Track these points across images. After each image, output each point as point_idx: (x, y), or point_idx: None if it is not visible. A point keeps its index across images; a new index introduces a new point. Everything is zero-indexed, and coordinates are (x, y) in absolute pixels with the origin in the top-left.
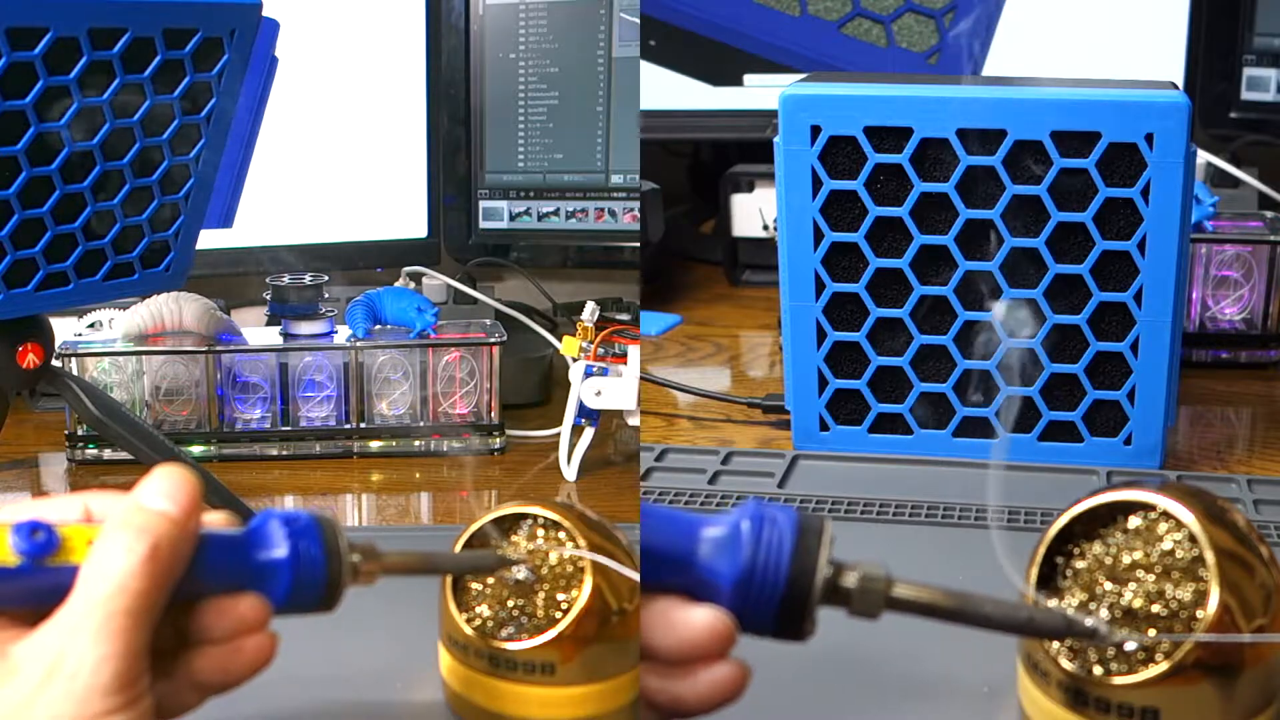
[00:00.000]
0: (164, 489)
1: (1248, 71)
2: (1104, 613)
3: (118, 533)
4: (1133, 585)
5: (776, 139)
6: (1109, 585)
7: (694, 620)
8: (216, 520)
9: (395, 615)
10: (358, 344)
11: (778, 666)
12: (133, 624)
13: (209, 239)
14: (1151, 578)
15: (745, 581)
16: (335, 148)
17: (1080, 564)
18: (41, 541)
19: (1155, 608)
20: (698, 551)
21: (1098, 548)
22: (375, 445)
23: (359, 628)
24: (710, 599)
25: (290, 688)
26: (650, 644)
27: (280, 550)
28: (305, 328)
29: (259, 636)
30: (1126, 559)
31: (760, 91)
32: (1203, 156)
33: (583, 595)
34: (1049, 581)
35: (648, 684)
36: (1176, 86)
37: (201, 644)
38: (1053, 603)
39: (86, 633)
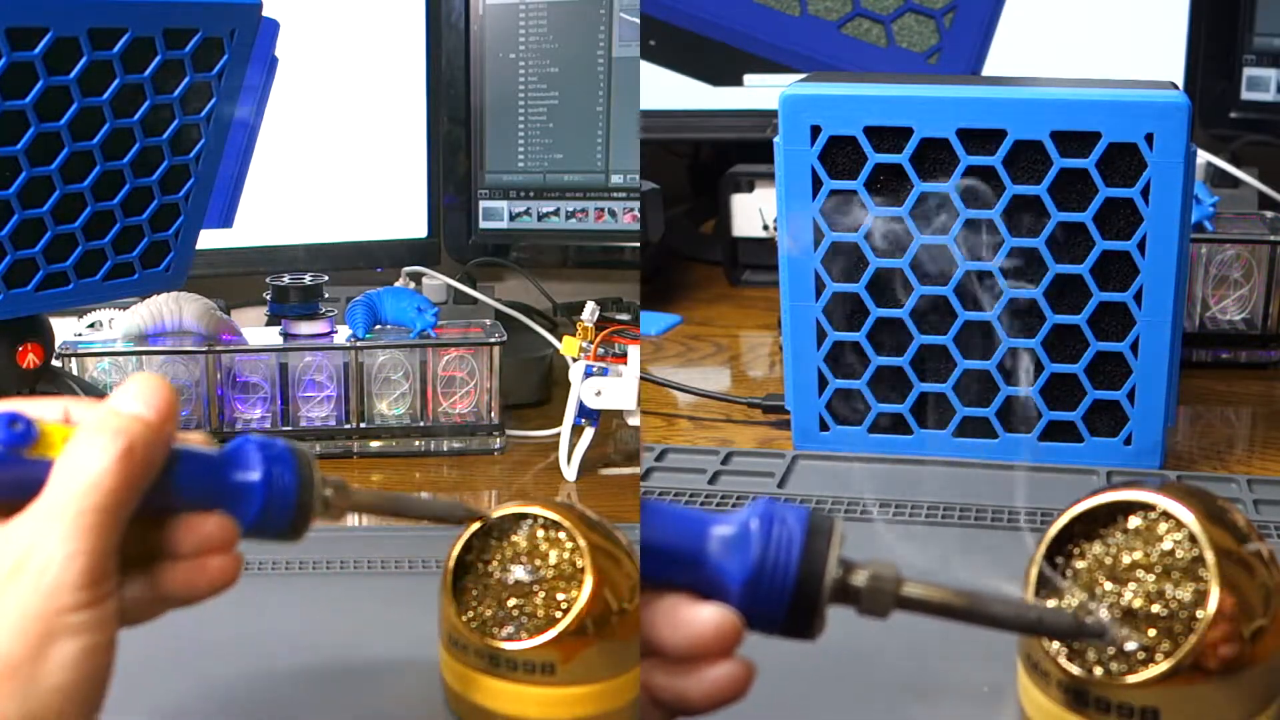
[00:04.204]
0: (140, 395)
1: (1248, 71)
2: (1104, 613)
3: (93, 433)
4: (1133, 585)
5: (776, 139)
6: (1109, 585)
7: (701, 618)
8: (194, 439)
9: (395, 614)
10: (358, 344)
11: (779, 665)
12: (103, 522)
13: (209, 239)
14: (1151, 578)
15: (754, 581)
16: (335, 148)
17: (1080, 564)
18: (20, 432)
19: (1155, 608)
20: (707, 550)
21: (1098, 548)
22: (375, 445)
23: (359, 627)
24: (719, 598)
25: (290, 686)
26: (657, 641)
27: (254, 473)
28: (305, 328)
29: (224, 556)
30: (1126, 559)
31: (760, 91)
32: (1203, 156)
33: (583, 595)
34: (1049, 582)
35: (653, 681)
36: (1176, 86)
37: (169, 558)
38: (1051, 602)
39: (57, 528)
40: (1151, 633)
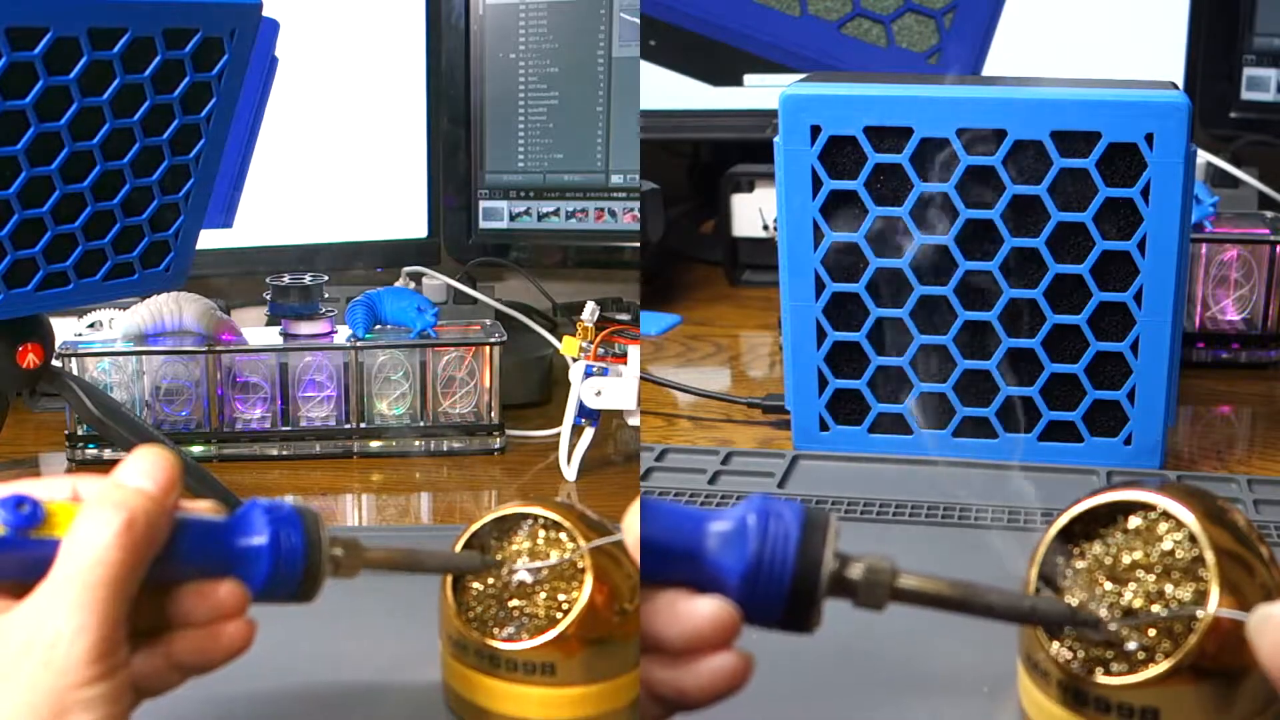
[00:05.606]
0: (142, 468)
1: (1248, 71)
2: (1104, 613)
3: (96, 508)
4: (1133, 585)
5: (776, 139)
6: (1109, 585)
7: (698, 610)
8: (203, 507)
9: (396, 614)
10: (358, 344)
11: (779, 662)
12: (110, 595)
13: (209, 239)
14: (1151, 578)
15: (752, 575)
16: (335, 148)
17: (1080, 564)
18: (26, 514)
19: (1155, 608)
20: (704, 546)
21: (1098, 548)
22: (375, 445)
23: (359, 627)
24: (717, 593)
25: (290, 686)
26: (655, 635)
27: (260, 537)
28: (305, 328)
29: (237, 622)
30: (1126, 559)
31: (760, 91)
32: (1203, 156)
33: (583, 595)
34: (1049, 582)
35: (652, 675)
36: (1176, 86)
37: (182, 627)
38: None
39: (65, 603)
40: (1151, 633)
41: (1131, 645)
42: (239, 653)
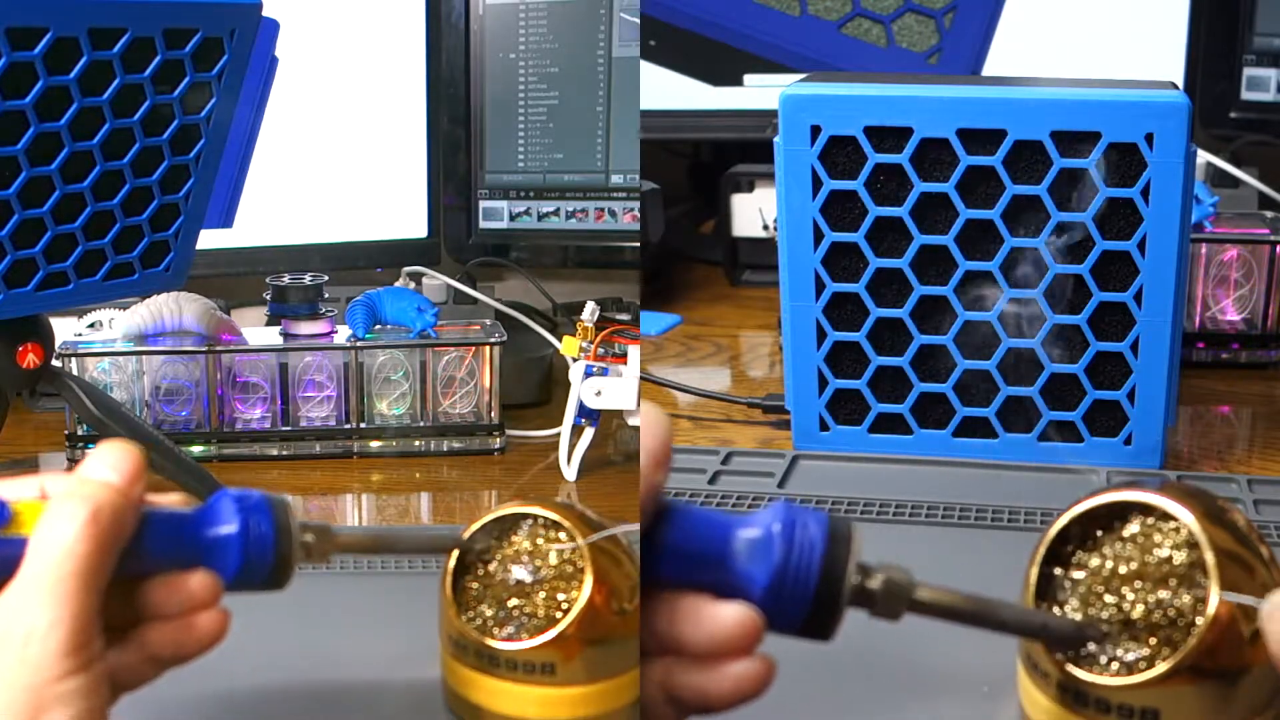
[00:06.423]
0: (107, 461)
1: (1248, 71)
2: (1104, 615)
3: (62, 502)
4: (1132, 585)
5: (776, 139)
6: (1109, 586)
7: (724, 615)
8: (173, 500)
9: (395, 614)
10: (358, 344)
11: (780, 662)
12: (80, 588)
13: (209, 239)
14: (1152, 578)
15: (777, 585)
16: (335, 148)
17: (1079, 571)
18: None
19: (1155, 607)
20: (731, 553)
21: (1096, 556)
22: (375, 445)
23: (360, 626)
24: (741, 599)
25: (289, 685)
26: (678, 638)
27: (230, 526)
28: (305, 328)
29: (210, 612)
30: (1126, 561)
31: (760, 91)
32: (1203, 156)
33: (583, 595)
34: (1049, 583)
35: (673, 679)
36: (1176, 86)
37: (155, 619)
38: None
39: (37, 599)
40: (1152, 639)
41: (1131, 656)
42: (214, 643)
